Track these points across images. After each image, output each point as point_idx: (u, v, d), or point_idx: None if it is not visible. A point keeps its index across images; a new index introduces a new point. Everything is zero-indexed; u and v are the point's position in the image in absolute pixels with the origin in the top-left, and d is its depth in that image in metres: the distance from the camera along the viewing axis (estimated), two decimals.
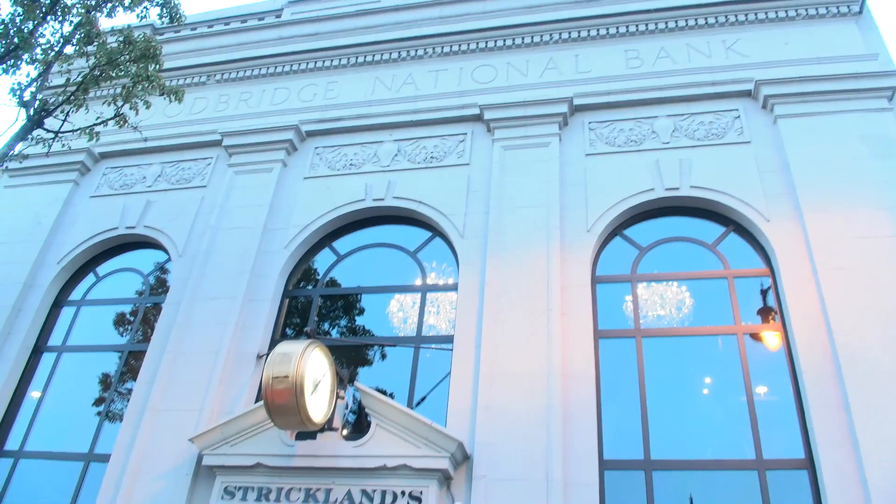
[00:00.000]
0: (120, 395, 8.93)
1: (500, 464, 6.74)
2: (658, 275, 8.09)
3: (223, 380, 7.97)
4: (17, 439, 8.85)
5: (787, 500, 6.57)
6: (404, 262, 8.87)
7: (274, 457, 7.00)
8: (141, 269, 9.87)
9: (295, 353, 6.45)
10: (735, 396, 7.25)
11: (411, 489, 6.67)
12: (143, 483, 7.45)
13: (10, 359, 9.16)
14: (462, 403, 7.23)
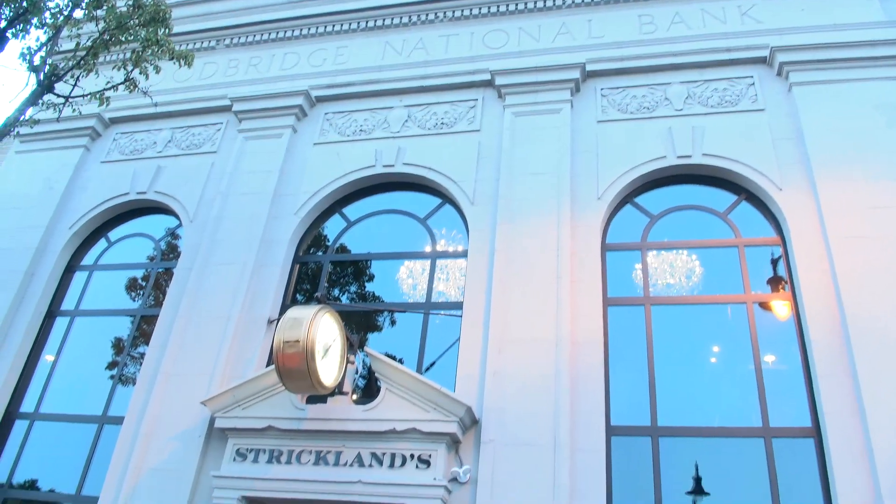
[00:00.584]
0: (132, 359, 9.05)
1: (508, 428, 6.81)
2: (668, 243, 8.07)
3: (234, 344, 8.05)
4: (33, 402, 9.00)
5: (793, 467, 6.61)
6: (414, 229, 8.88)
7: (285, 420, 7.10)
8: (152, 235, 9.93)
9: (305, 318, 6.50)
10: (743, 365, 7.26)
11: (420, 452, 6.77)
12: (157, 445, 7.58)
13: (24, 323, 9.27)
14: (471, 369, 7.29)
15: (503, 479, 6.57)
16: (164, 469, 7.40)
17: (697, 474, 6.79)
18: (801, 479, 6.55)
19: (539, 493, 6.44)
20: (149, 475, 7.41)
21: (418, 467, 6.71)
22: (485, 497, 6.52)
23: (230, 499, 6.97)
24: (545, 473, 6.52)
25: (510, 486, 6.52)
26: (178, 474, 7.33)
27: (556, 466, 6.54)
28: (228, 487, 7.03)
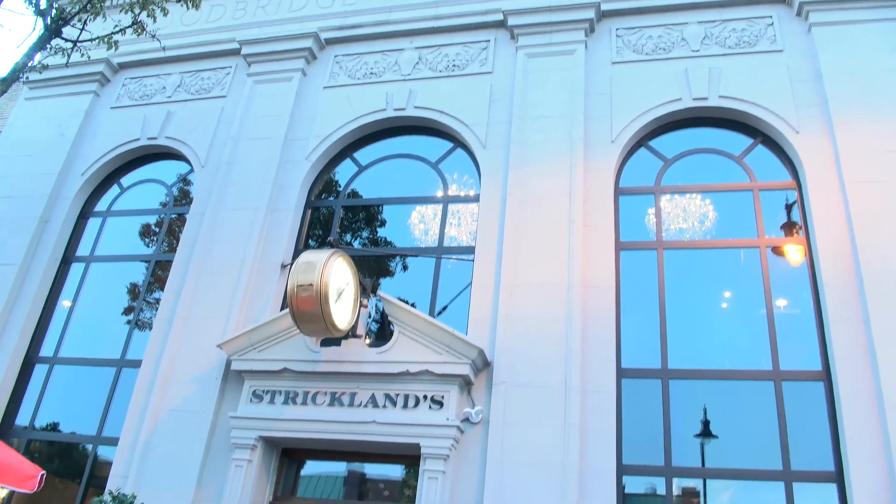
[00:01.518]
0: (148, 304, 9.16)
1: (520, 370, 6.89)
2: (682, 187, 8.00)
3: (249, 288, 8.13)
4: (51, 347, 9.17)
5: (802, 410, 6.67)
6: (426, 173, 8.84)
7: (300, 362, 7.21)
8: (164, 180, 9.94)
9: (319, 261, 6.53)
10: (755, 309, 7.28)
11: (433, 393, 6.87)
12: (174, 387, 7.73)
13: (40, 269, 9.38)
14: (483, 312, 7.33)
15: (514, 419, 6.67)
16: (183, 410, 7.56)
17: (706, 417, 6.87)
18: (810, 422, 6.61)
19: (550, 432, 6.55)
20: (168, 416, 7.58)
21: (431, 408, 6.82)
22: (496, 436, 6.63)
23: (248, 438, 7.13)
24: (556, 414, 6.62)
25: (521, 426, 6.63)
26: (196, 415, 7.50)
27: (567, 407, 6.62)
28: (246, 427, 7.18)
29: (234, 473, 7.07)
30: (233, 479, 7.04)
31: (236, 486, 7.00)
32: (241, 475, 7.04)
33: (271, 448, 7.42)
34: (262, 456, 7.26)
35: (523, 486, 6.39)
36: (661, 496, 6.64)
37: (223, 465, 7.21)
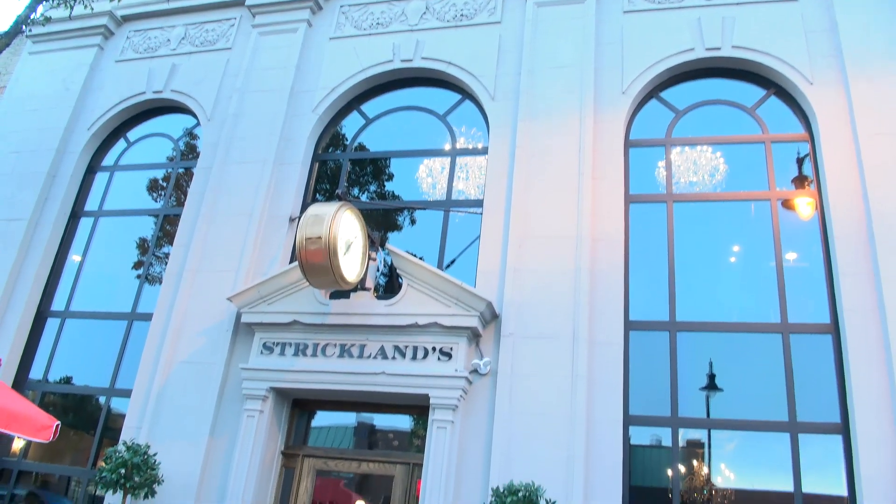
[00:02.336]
0: (157, 258, 9.20)
1: (528, 322, 6.91)
2: (693, 139, 7.90)
3: (258, 242, 8.14)
4: (63, 300, 9.24)
5: (810, 363, 6.69)
6: (433, 126, 8.75)
7: (309, 314, 7.25)
8: (171, 134, 9.89)
9: (327, 214, 6.51)
10: (764, 262, 7.24)
11: (442, 345, 6.91)
12: (186, 339, 7.81)
13: (49, 223, 9.41)
14: (491, 265, 7.33)
15: (522, 370, 6.73)
16: (195, 362, 7.65)
17: (711, 371, 6.90)
18: (817, 375, 6.63)
19: (557, 383, 6.60)
20: (179, 368, 7.67)
21: (440, 359, 6.88)
22: (504, 387, 6.69)
23: (259, 389, 7.22)
24: (564, 365, 6.66)
25: (529, 378, 6.68)
26: (208, 367, 7.58)
27: (575, 359, 6.66)
28: (257, 379, 7.27)
29: (246, 423, 7.18)
30: (245, 428, 7.16)
31: (248, 435, 7.11)
32: (254, 425, 7.15)
33: (282, 399, 7.53)
34: (274, 406, 7.37)
35: (531, 435, 6.47)
36: (666, 448, 6.71)
37: (235, 416, 7.32)
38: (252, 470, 7.00)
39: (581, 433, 6.40)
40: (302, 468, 7.38)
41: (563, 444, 6.38)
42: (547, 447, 6.41)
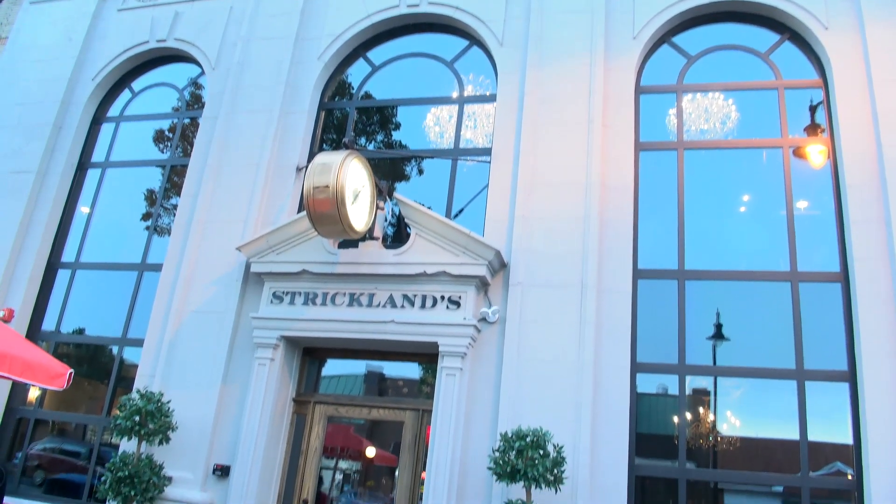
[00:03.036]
0: (166, 210, 9.20)
1: (536, 271, 6.91)
2: (705, 85, 7.76)
3: (265, 192, 8.12)
4: (73, 252, 9.29)
5: (818, 311, 6.68)
6: (441, 73, 8.61)
7: (318, 264, 7.27)
8: (175, 84, 9.80)
9: (334, 163, 6.47)
10: (775, 210, 7.19)
11: (450, 294, 6.93)
12: (196, 289, 7.86)
13: (57, 175, 9.41)
14: (499, 214, 7.31)
15: (531, 318, 6.75)
16: (205, 311, 7.71)
17: (720, 320, 6.91)
18: (825, 324, 6.64)
19: (566, 331, 6.64)
20: (191, 318, 7.74)
21: (449, 308, 6.90)
22: (513, 335, 6.73)
23: (270, 338, 7.29)
24: (572, 313, 6.68)
25: (538, 325, 6.71)
26: (218, 316, 7.65)
27: (583, 307, 6.68)
28: (267, 328, 7.33)
29: (257, 371, 7.27)
30: (257, 376, 7.25)
31: (260, 383, 7.21)
32: (265, 373, 7.24)
33: (293, 347, 7.60)
34: (284, 355, 7.44)
35: (539, 382, 6.54)
36: (672, 396, 6.76)
37: (247, 364, 7.41)
38: (264, 417, 7.12)
39: (588, 380, 6.45)
40: (313, 415, 7.50)
41: (570, 391, 6.45)
42: (555, 394, 6.47)
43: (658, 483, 6.71)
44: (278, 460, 7.32)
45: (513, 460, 5.65)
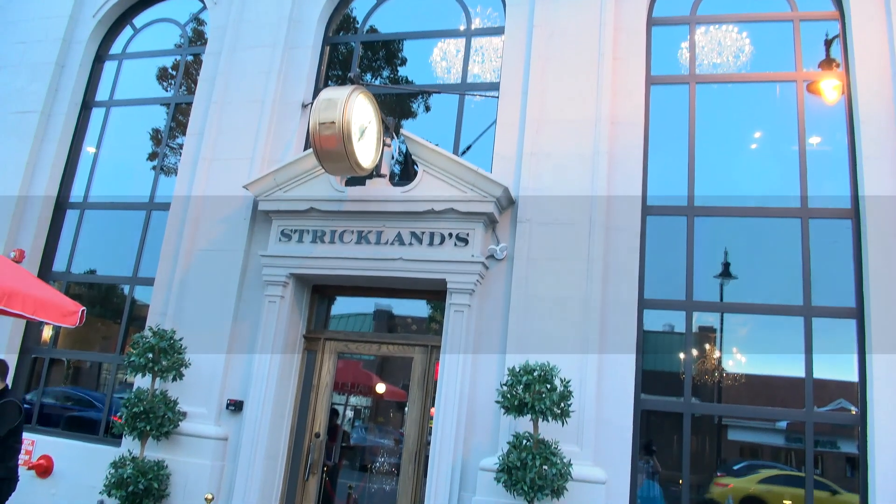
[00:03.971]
0: (171, 149, 9.15)
1: (544, 208, 6.87)
2: (719, 17, 7.55)
3: (271, 129, 8.04)
4: (80, 192, 9.30)
5: (828, 248, 6.65)
6: (447, 6, 8.38)
7: (326, 201, 7.24)
8: (177, 19, 9.60)
9: (340, 98, 6.36)
10: (787, 146, 7.09)
11: (458, 231, 6.92)
12: (204, 228, 7.87)
13: (61, 115, 9.34)
14: (507, 150, 7.23)
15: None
16: (214, 250, 7.74)
17: (729, 258, 6.89)
18: (835, 261, 6.61)
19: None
20: (200, 256, 7.77)
21: (456, 245, 6.90)
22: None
23: (279, 276, 7.32)
24: (580, 250, 6.67)
25: (545, 262, 6.71)
26: (228, 254, 7.68)
27: (591, 244, 6.66)
28: (276, 266, 7.36)
29: (267, 308, 7.33)
30: (267, 313, 7.32)
31: (271, 320, 7.28)
32: (275, 310, 7.30)
33: (302, 285, 7.64)
34: (294, 292, 7.50)
35: (546, 318, 6.57)
36: (679, 333, 6.79)
37: (257, 302, 7.47)
38: (276, 353, 7.22)
39: (595, 317, 6.48)
40: (323, 351, 7.59)
41: (578, 327, 6.48)
42: (562, 330, 6.51)
43: (663, 419, 6.82)
44: (290, 396, 7.45)
45: (520, 394, 5.71)
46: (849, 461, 6.54)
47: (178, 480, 7.06)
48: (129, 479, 6.66)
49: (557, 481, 5.64)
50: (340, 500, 7.59)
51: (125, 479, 6.67)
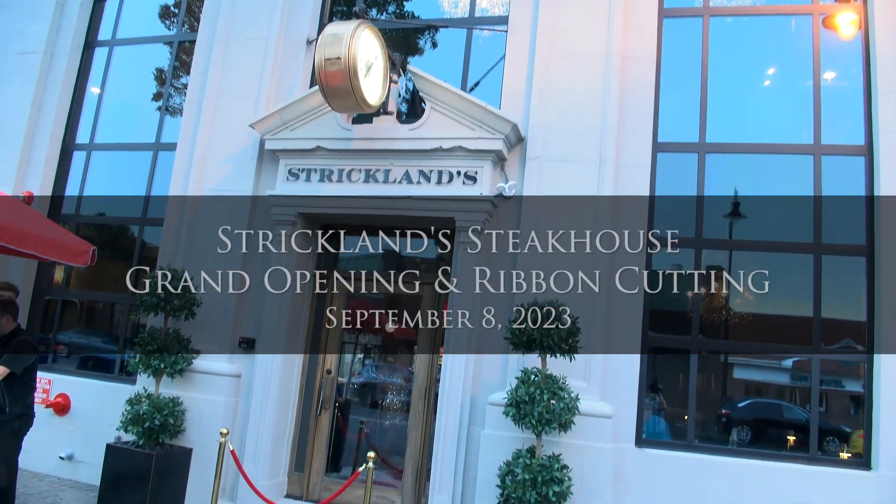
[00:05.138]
0: (176, 89, 9.06)
1: (554, 145, 6.79)
2: None
3: (276, 66, 7.90)
4: (86, 134, 9.26)
5: (840, 185, 6.58)
6: None
7: (332, 140, 7.17)
8: None
9: (345, 33, 6.23)
10: (801, 82, 6.96)
11: (466, 169, 6.86)
12: (212, 168, 7.83)
13: (64, 55, 9.24)
14: (516, 86, 7.10)
15: (548, 192, 6.70)
16: (223, 190, 7.71)
17: (737, 199, 6.83)
18: (846, 199, 6.55)
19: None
20: (208, 196, 7.75)
21: (465, 183, 6.85)
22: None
23: (287, 215, 7.30)
24: (589, 187, 6.61)
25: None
26: (236, 194, 7.65)
27: (601, 180, 6.60)
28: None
29: (276, 248, 7.32)
30: (276, 253, 7.31)
31: (280, 260, 7.29)
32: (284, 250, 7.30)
33: (311, 224, 7.63)
34: (303, 232, 7.49)
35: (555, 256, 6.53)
36: (687, 274, 6.78)
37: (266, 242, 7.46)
38: (286, 292, 7.24)
39: (605, 254, 6.47)
40: (333, 290, 7.64)
41: (586, 264, 6.45)
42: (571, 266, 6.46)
43: (670, 358, 6.88)
44: (301, 334, 7.53)
45: (529, 330, 5.74)
46: (852, 399, 6.61)
47: (192, 416, 7.21)
48: (146, 416, 6.80)
49: (565, 415, 5.72)
50: (352, 434, 7.75)
51: (141, 416, 6.81)
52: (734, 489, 6.01)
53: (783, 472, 6.01)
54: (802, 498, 5.88)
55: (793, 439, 6.66)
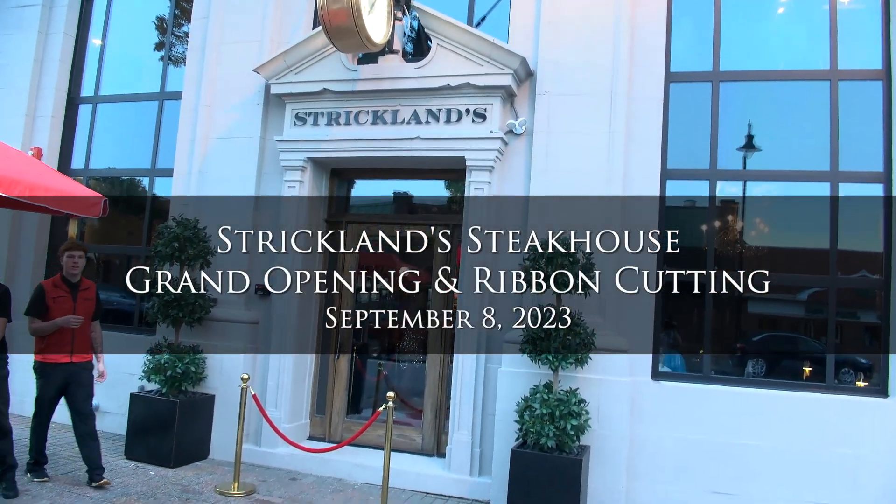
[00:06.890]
0: (178, 38, 8.92)
1: (564, 79, 6.65)
2: None
3: (278, 8, 7.74)
4: (91, 86, 9.18)
5: (857, 111, 6.42)
6: None
7: (338, 81, 7.06)
8: None
9: None
10: (817, 5, 6.74)
11: (475, 106, 6.76)
12: (219, 115, 7.76)
13: (63, 6, 9.18)
14: (525, 20, 6.92)
15: (559, 128, 6.59)
16: (231, 137, 7.66)
17: (750, 132, 6.70)
18: (863, 125, 6.40)
19: (595, 140, 6.48)
20: (217, 144, 7.71)
21: (474, 121, 6.76)
22: (541, 146, 6.61)
23: (297, 160, 7.26)
24: (601, 122, 6.49)
25: (566, 135, 6.56)
26: (244, 141, 7.60)
27: (613, 115, 6.48)
28: (293, 150, 7.28)
29: (287, 194, 7.31)
30: (287, 200, 7.30)
31: (291, 206, 7.28)
32: (295, 195, 7.29)
33: (320, 169, 7.60)
34: (313, 177, 7.47)
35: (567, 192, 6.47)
36: (701, 208, 6.71)
37: (276, 188, 7.46)
38: (299, 237, 7.23)
39: (617, 188, 6.39)
40: (346, 235, 7.63)
41: (599, 200, 6.38)
42: (584, 204, 6.41)
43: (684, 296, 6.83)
44: (315, 281, 7.54)
45: (543, 267, 5.72)
46: (867, 330, 6.59)
47: (213, 364, 7.31)
48: (167, 364, 6.90)
49: (581, 350, 5.75)
50: (371, 377, 7.85)
51: (163, 365, 6.91)
52: (753, 419, 6.04)
53: (801, 401, 6.04)
54: (820, 425, 5.92)
55: (809, 370, 6.66)
